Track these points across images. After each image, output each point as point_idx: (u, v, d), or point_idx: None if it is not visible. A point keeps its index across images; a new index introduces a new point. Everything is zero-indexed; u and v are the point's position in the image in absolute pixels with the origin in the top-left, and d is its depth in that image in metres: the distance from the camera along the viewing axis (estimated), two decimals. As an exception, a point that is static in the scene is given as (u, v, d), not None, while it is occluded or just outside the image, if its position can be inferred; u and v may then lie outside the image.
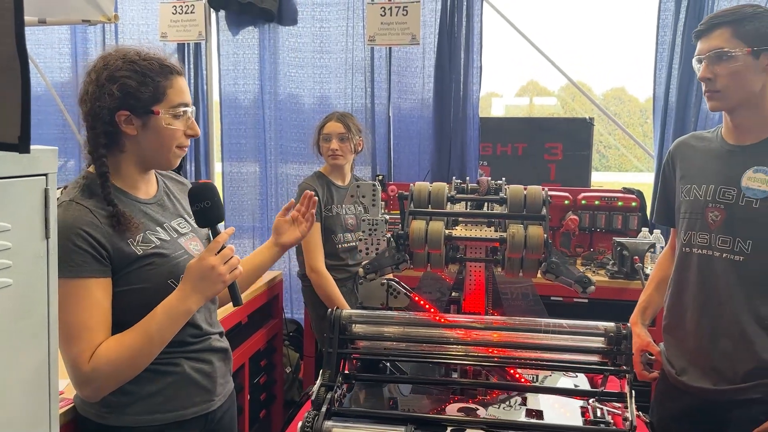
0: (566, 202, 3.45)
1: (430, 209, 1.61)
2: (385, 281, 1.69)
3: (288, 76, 3.74)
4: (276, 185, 3.81)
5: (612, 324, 1.41)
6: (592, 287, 1.52)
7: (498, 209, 1.68)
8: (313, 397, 1.39)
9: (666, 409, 1.78)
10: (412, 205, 1.62)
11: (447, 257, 1.64)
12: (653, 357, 1.85)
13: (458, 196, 1.64)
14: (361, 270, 1.59)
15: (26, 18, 2.96)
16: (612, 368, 1.39)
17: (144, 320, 1.31)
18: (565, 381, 1.70)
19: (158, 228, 1.42)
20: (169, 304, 1.32)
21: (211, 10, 3.71)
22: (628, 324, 1.41)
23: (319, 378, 1.44)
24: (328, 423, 1.31)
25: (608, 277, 2.97)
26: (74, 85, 3.98)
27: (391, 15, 3.43)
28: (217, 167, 3.93)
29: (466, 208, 1.73)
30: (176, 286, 1.36)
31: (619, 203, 3.35)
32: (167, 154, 1.40)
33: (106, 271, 1.31)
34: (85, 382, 1.29)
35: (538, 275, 1.60)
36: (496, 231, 1.65)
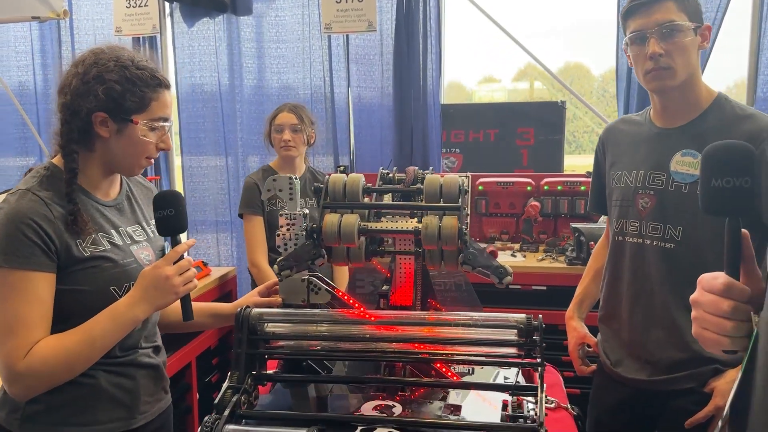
0: (529, 188, 3.40)
1: (345, 202, 1.56)
2: (305, 277, 1.64)
3: (246, 67, 3.68)
4: (238, 179, 3.75)
5: (523, 315, 1.36)
6: (509, 277, 1.47)
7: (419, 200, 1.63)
8: (216, 400, 1.35)
9: (603, 402, 1.74)
10: (327, 198, 1.56)
11: (368, 251, 1.59)
12: (591, 349, 1.80)
13: (373, 187, 1.59)
14: (275, 267, 1.54)
15: (-26, 17, 2.88)
16: (524, 361, 1.35)
17: (88, 323, 1.27)
18: (503, 374, 1.66)
19: (112, 231, 1.39)
20: (115, 310, 1.28)
21: (165, 2, 3.64)
22: (540, 315, 1.35)
23: (227, 380, 1.40)
24: (229, 427, 1.27)
25: (566, 263, 2.92)
26: (32, 82, 3.92)
27: (346, 2, 3.37)
28: (177, 161, 3.87)
29: (393, 200, 1.68)
30: (118, 293, 1.33)
31: (582, 188, 3.30)
32: (134, 163, 1.39)
33: (52, 266, 1.27)
34: (16, 380, 1.25)
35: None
36: (419, 222, 1.60)
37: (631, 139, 1.69)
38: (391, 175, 1.74)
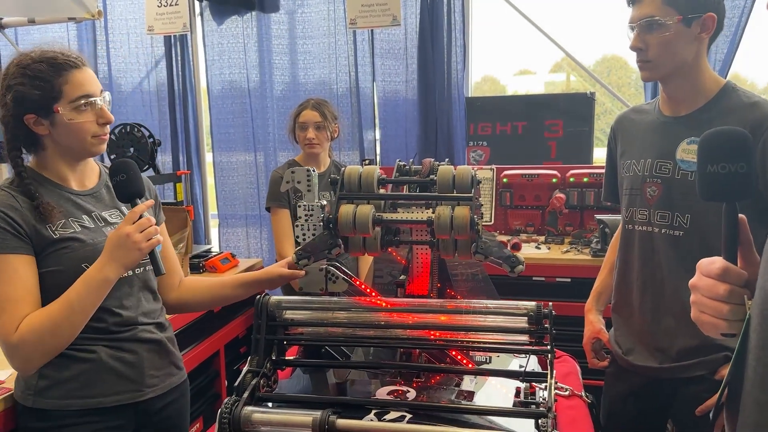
0: (554, 180, 3.39)
1: (360, 193, 1.60)
2: (323, 267, 1.68)
3: (273, 63, 3.75)
4: (267, 174, 3.83)
5: (533, 303, 1.39)
6: (521, 266, 1.49)
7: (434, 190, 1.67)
8: (236, 384, 1.41)
9: (615, 390, 1.75)
10: (343, 190, 1.60)
11: (384, 241, 1.63)
12: (603, 344, 1.82)
13: (388, 178, 1.62)
14: (293, 256, 1.59)
15: (17, 18, 3.03)
16: (534, 348, 1.37)
17: (66, 292, 1.36)
18: (516, 362, 1.69)
19: (84, 216, 1.47)
20: (87, 275, 1.37)
21: (195, 1, 3.73)
22: (550, 303, 1.37)
23: (247, 364, 1.45)
24: (248, 408, 1.32)
25: (591, 255, 2.91)
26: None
27: (371, -3, 3.40)
28: (208, 157, 3.97)
29: (409, 191, 1.71)
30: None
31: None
32: (84, 145, 1.45)
33: (27, 248, 1.38)
34: (13, 352, 1.36)
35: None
36: (434, 213, 1.63)
37: (640, 128, 1.69)
38: (408, 167, 1.78)
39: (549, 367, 1.34)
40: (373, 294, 1.73)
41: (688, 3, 1.50)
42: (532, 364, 1.71)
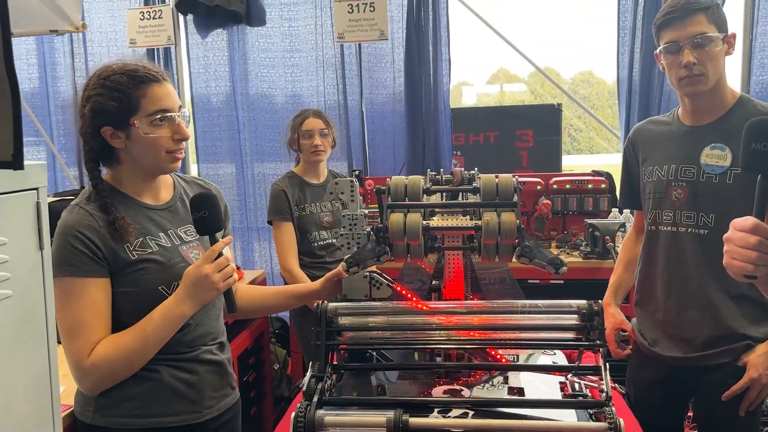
0: (539, 187, 3.54)
1: (407, 202, 1.67)
2: (367, 274, 1.74)
3: (259, 76, 3.77)
4: (253, 185, 3.84)
5: (584, 302, 1.48)
6: (564, 268, 1.58)
7: (472, 198, 1.75)
8: (304, 389, 1.45)
9: (641, 380, 1.87)
10: (389, 198, 1.67)
11: (426, 247, 1.70)
12: (626, 334, 1.94)
13: (433, 188, 1.70)
14: (343, 264, 1.64)
15: (-9, 30, 2.93)
16: (586, 343, 1.46)
17: (142, 321, 1.37)
18: (543, 359, 1.78)
19: (161, 234, 1.47)
20: (164, 308, 1.37)
21: (179, 14, 3.72)
22: (600, 301, 1.48)
23: (309, 370, 1.49)
24: (320, 412, 1.37)
25: (581, 257, 3.06)
26: (43, 94, 3.97)
27: (358, 11, 3.48)
28: (193, 169, 3.94)
29: (442, 199, 1.80)
30: (167, 293, 1.42)
31: (590, 186, 3.46)
32: (158, 161, 1.45)
33: (103, 271, 1.37)
34: (84, 377, 1.36)
35: (513, 259, 1.67)
36: (471, 219, 1.72)
37: (660, 137, 1.83)
38: (438, 176, 1.87)
39: (602, 361, 1.44)
40: (415, 299, 1.80)
41: (723, 22, 1.68)
42: (561, 359, 1.82)
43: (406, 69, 3.60)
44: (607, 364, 1.43)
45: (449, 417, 1.40)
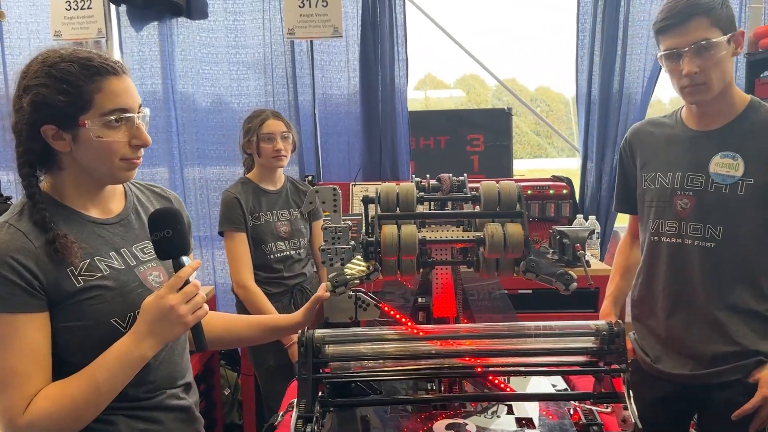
0: (500, 192, 3.42)
1: (398, 212, 1.48)
2: (352, 293, 1.55)
3: (201, 73, 3.49)
4: (195, 191, 3.55)
5: (604, 322, 1.35)
6: (575, 284, 1.45)
7: (466, 207, 1.60)
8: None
9: (644, 398, 1.75)
10: (379, 208, 1.48)
11: (419, 262, 1.52)
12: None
13: (427, 196, 1.53)
14: (327, 284, 1.44)
15: None
16: (608, 369, 1.33)
17: (91, 367, 1.11)
18: (542, 383, 1.64)
19: (112, 253, 1.21)
20: (121, 348, 1.12)
21: (111, 4, 3.38)
22: (620, 321, 1.34)
23: (295, 410, 1.29)
24: (314, 460, 1.17)
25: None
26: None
27: (310, 6, 3.27)
28: (129, 175, 3.61)
29: (430, 209, 1.62)
30: (122, 326, 1.17)
31: (551, 191, 3.37)
32: (110, 169, 1.19)
33: (41, 304, 1.11)
34: None
35: (516, 274, 1.51)
36: (464, 231, 1.55)
37: (662, 141, 1.72)
38: (424, 183, 1.69)
39: (626, 387, 1.31)
40: (406, 321, 1.62)
41: (728, 21, 1.53)
42: (560, 382, 1.68)
43: (361, 69, 3.42)
44: (631, 391, 1.30)
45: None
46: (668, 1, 1.60)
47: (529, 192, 3.40)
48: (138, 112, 1.19)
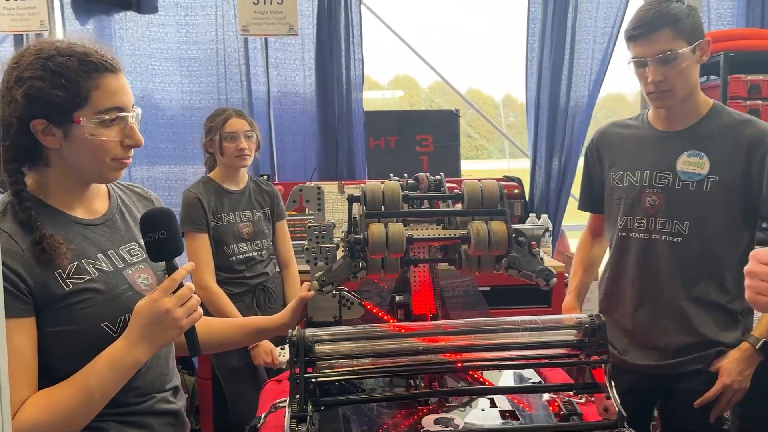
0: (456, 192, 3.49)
1: (383, 211, 1.50)
2: (336, 293, 1.55)
3: (150, 69, 3.38)
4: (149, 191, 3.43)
5: (585, 315, 1.40)
6: (554, 279, 1.50)
7: (443, 205, 1.63)
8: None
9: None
10: (365, 207, 1.49)
11: (403, 260, 1.54)
12: None
13: (413, 194, 1.55)
14: (315, 283, 1.44)
15: None
16: (592, 360, 1.38)
17: (82, 373, 1.07)
18: (513, 377, 1.69)
19: (99, 255, 1.17)
20: (113, 354, 1.08)
21: (54, -5, 3.24)
22: (601, 315, 1.40)
23: (288, 409, 1.28)
24: (312, 459, 1.17)
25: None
26: None
27: (264, 3, 3.23)
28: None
29: (410, 207, 1.64)
30: (112, 329, 1.13)
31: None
32: (100, 169, 1.15)
33: (27, 309, 1.06)
34: None
35: (497, 271, 1.56)
36: (444, 229, 1.58)
37: (629, 141, 1.80)
38: (402, 182, 1.71)
39: (607, 377, 1.36)
40: (389, 319, 1.64)
41: (692, 31, 1.62)
42: (533, 375, 1.73)
43: (317, 68, 3.40)
44: (612, 381, 1.36)
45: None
46: (639, 10, 1.69)
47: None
48: (132, 112, 1.16)
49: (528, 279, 1.52)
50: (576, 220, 4.18)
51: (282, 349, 2.36)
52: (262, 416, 1.56)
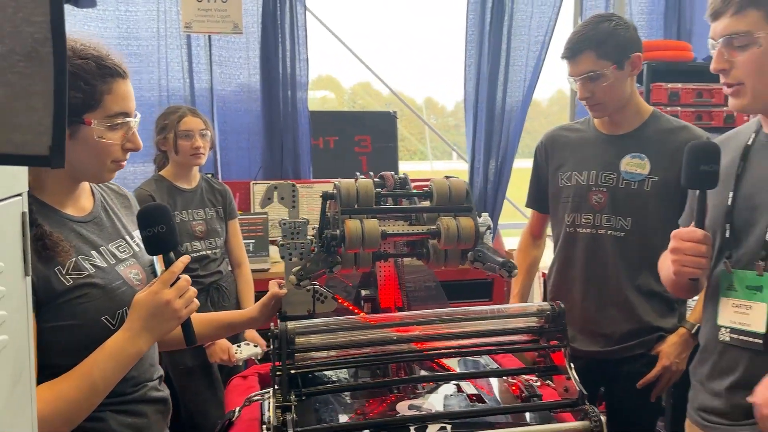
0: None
1: (357, 208, 1.56)
2: (310, 287, 1.59)
3: (88, 64, 3.27)
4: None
5: (547, 304, 1.51)
6: (516, 271, 1.60)
7: (406, 202, 1.71)
8: (273, 422, 1.27)
9: (558, 376, 1.96)
10: (340, 204, 1.54)
11: (374, 255, 1.61)
12: None
13: (386, 192, 1.62)
14: (293, 278, 1.48)
15: None
16: (553, 345, 1.49)
17: (85, 365, 1.08)
18: (469, 363, 1.80)
19: (93, 252, 1.19)
20: (115, 346, 1.11)
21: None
22: (561, 303, 1.51)
23: (271, 399, 1.32)
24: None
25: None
26: None
27: (209, 1, 3.20)
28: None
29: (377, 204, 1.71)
30: (111, 323, 1.16)
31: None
32: (99, 170, 1.19)
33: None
34: None
35: (463, 264, 1.65)
36: (411, 225, 1.66)
37: (577, 144, 1.94)
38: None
39: (567, 360, 1.48)
40: (359, 311, 1.70)
41: (617, 51, 1.77)
42: (491, 362, 1.84)
43: (262, 66, 3.41)
44: (572, 363, 1.48)
45: (432, 435, 1.34)
46: (572, 32, 1.86)
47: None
48: (134, 117, 1.21)
49: (492, 271, 1.62)
50: (511, 219, 4.38)
51: (238, 346, 2.37)
52: (237, 410, 1.58)
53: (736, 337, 1.28)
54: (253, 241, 3.10)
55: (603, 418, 1.33)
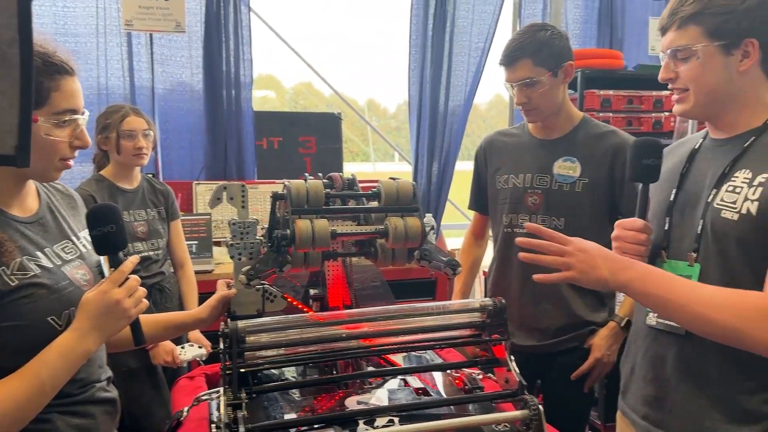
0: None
1: (307, 208, 1.59)
2: (260, 286, 1.61)
3: (22, 60, 3.17)
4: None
5: (489, 300, 1.58)
6: (460, 269, 1.67)
7: (353, 203, 1.75)
8: (224, 420, 1.29)
9: (495, 370, 2.05)
10: (290, 204, 1.57)
11: (324, 254, 1.64)
12: None
13: (337, 193, 1.65)
14: (243, 277, 1.50)
15: None
16: (494, 339, 1.56)
17: (32, 364, 1.07)
18: (412, 359, 1.86)
19: (38, 253, 1.17)
20: (64, 345, 1.10)
21: None
22: (502, 299, 1.58)
23: (222, 398, 1.34)
24: (254, 443, 1.24)
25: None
26: None
27: (150, -2, 3.16)
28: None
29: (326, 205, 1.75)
30: (58, 323, 1.15)
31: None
32: (45, 168, 1.18)
33: None
34: None
35: (409, 262, 1.70)
36: (359, 225, 1.70)
37: (513, 148, 2.03)
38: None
39: (508, 353, 1.55)
40: (308, 310, 1.73)
41: (552, 59, 1.86)
42: (435, 357, 1.90)
43: (205, 66, 3.38)
44: (512, 356, 1.55)
45: (378, 428, 1.39)
46: (509, 40, 1.94)
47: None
48: (82, 115, 1.20)
49: (437, 269, 1.68)
50: (452, 221, 4.49)
51: (182, 348, 2.35)
52: (185, 410, 1.58)
53: (662, 322, 1.38)
54: (196, 242, 3.07)
55: (541, 407, 1.40)
